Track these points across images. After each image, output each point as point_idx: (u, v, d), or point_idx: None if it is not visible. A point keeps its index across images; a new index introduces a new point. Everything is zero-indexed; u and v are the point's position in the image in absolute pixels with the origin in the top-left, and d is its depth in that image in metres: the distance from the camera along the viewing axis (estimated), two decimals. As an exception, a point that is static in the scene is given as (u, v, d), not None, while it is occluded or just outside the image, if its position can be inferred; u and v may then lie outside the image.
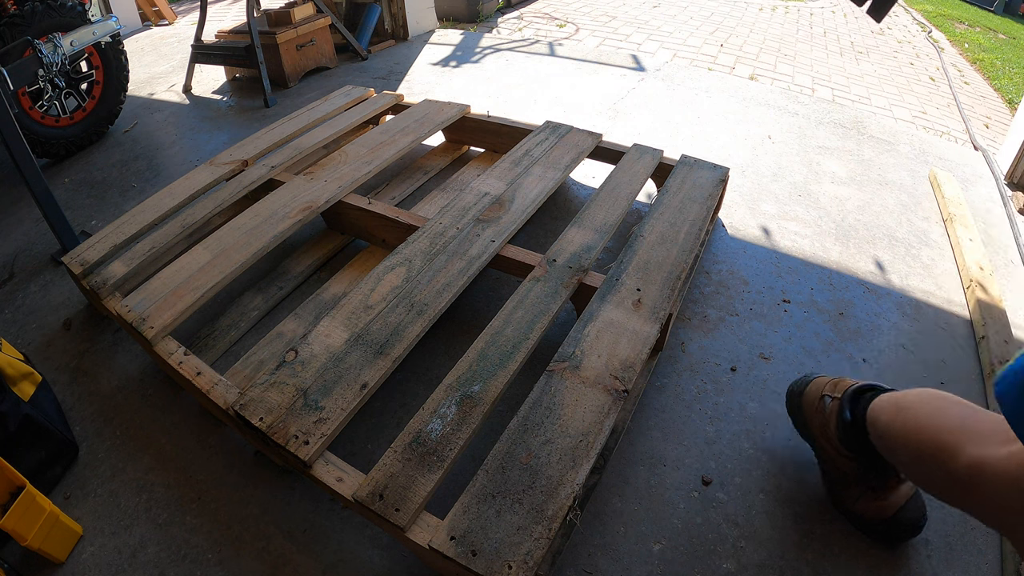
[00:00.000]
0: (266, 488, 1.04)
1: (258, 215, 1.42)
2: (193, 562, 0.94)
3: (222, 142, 2.26)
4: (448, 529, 0.79)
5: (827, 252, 1.57)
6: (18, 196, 1.95)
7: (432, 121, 1.83)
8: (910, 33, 4.98)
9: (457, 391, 0.97)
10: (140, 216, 1.46)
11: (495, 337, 1.06)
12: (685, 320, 1.35)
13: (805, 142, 2.14)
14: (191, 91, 2.81)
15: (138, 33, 3.98)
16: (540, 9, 4.65)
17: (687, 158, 1.61)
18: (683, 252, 1.26)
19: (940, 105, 3.24)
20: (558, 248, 1.28)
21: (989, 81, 4.05)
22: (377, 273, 1.21)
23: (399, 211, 1.46)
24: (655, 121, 2.27)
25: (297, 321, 1.30)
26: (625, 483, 1.02)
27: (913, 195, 1.83)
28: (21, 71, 1.79)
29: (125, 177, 2.07)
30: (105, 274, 1.31)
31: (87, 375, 1.29)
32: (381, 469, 0.86)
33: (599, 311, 1.12)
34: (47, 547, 0.92)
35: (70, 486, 1.07)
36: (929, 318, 1.37)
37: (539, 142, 1.69)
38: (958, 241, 1.57)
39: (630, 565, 0.91)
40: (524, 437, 0.90)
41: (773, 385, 1.20)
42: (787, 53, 3.87)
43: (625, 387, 0.97)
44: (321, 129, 1.83)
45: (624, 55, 3.03)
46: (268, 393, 0.97)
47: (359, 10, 3.17)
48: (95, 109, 2.27)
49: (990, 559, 0.92)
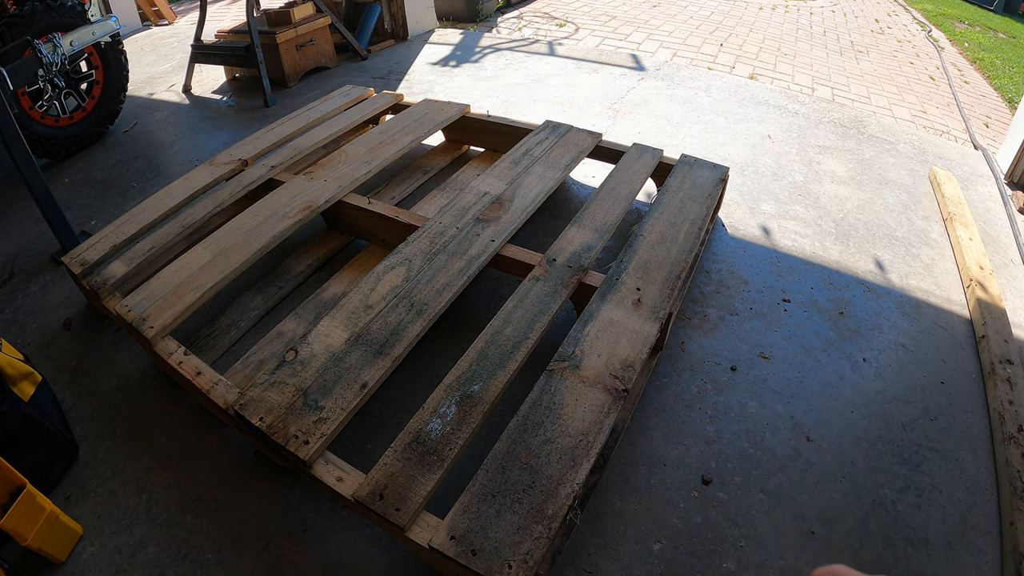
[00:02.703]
0: (266, 488, 1.04)
1: (258, 215, 1.42)
2: (193, 562, 0.94)
3: (222, 142, 2.26)
4: (448, 529, 0.79)
5: (827, 251, 1.57)
6: (18, 196, 1.95)
7: (432, 121, 1.83)
8: (910, 32, 4.98)
9: (457, 391, 0.97)
10: (140, 216, 1.46)
11: (495, 337, 1.06)
12: (685, 319, 1.35)
13: (805, 141, 2.14)
14: (191, 91, 2.81)
15: (138, 33, 3.98)
16: (540, 9, 4.65)
17: (687, 157, 1.61)
18: (683, 251, 1.26)
19: (940, 104, 3.24)
20: (558, 248, 1.28)
21: (989, 80, 4.04)
22: (377, 273, 1.21)
23: (399, 211, 1.46)
24: (655, 120, 2.27)
25: (297, 321, 1.30)
26: (625, 483, 1.02)
27: (913, 194, 1.83)
28: (21, 71, 1.79)
29: (125, 177, 2.07)
30: (105, 274, 1.30)
31: (87, 375, 1.29)
32: (381, 469, 0.86)
33: (599, 311, 1.12)
34: (47, 547, 0.91)
35: (70, 486, 1.07)
36: (929, 317, 1.37)
37: (539, 142, 1.69)
38: (958, 240, 1.57)
39: (630, 564, 0.91)
40: (524, 437, 0.90)
41: (773, 384, 1.20)
42: (787, 52, 3.87)
43: (625, 387, 0.97)
44: (321, 129, 1.83)
45: (624, 55, 3.03)
46: (268, 393, 0.97)
47: (359, 10, 3.17)
48: (95, 109, 2.27)
49: (990, 559, 0.92)
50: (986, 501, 0.99)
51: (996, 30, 5.91)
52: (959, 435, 1.10)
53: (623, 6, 4.81)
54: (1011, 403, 1.12)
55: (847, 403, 1.16)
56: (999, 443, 1.07)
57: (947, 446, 1.08)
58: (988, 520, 0.97)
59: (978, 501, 0.99)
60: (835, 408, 1.15)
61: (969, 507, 0.99)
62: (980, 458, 1.06)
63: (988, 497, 1.00)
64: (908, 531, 0.95)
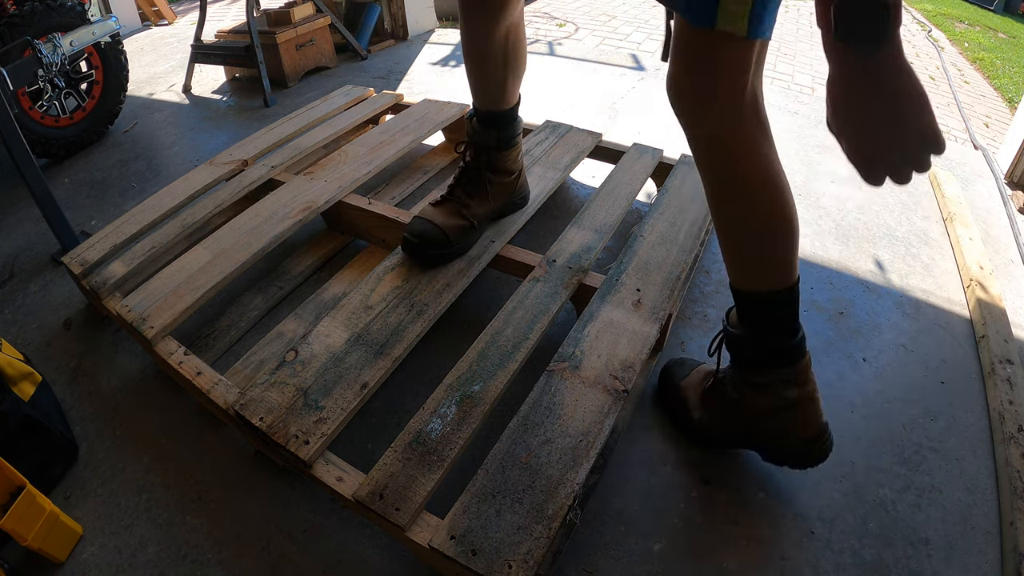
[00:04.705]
0: (266, 488, 1.04)
1: (258, 215, 1.42)
2: (193, 562, 0.94)
3: (222, 142, 2.26)
4: (448, 528, 0.79)
5: (827, 251, 1.57)
6: (18, 196, 1.95)
7: (432, 120, 1.83)
8: (910, 32, 4.97)
9: (457, 391, 0.97)
10: (140, 216, 1.46)
11: (495, 337, 1.06)
12: (685, 319, 1.35)
13: (804, 141, 2.14)
14: (191, 91, 2.81)
15: (138, 33, 3.98)
16: (539, 8, 4.65)
17: (687, 157, 1.61)
18: (683, 252, 1.26)
19: (940, 104, 3.24)
20: (558, 248, 1.28)
21: (989, 80, 4.04)
22: (377, 273, 1.21)
23: (399, 211, 1.46)
24: (655, 120, 2.27)
25: (297, 321, 1.30)
26: (625, 483, 1.02)
27: (913, 194, 1.83)
28: (21, 71, 1.79)
29: (125, 177, 2.07)
30: (105, 274, 1.31)
31: (87, 375, 1.29)
32: (381, 469, 0.86)
33: (599, 311, 1.12)
34: (47, 547, 0.92)
35: (70, 486, 1.07)
36: (929, 317, 1.37)
37: (539, 141, 1.69)
38: (958, 240, 1.57)
39: (630, 564, 0.91)
40: (524, 437, 0.90)
41: (773, 384, 1.19)
42: (787, 52, 3.87)
43: (625, 387, 0.97)
44: (321, 129, 1.83)
45: (624, 54, 3.03)
46: (268, 393, 0.97)
47: (359, 10, 3.17)
48: (95, 109, 2.27)
49: (990, 559, 0.92)
50: (986, 501, 0.99)
51: (996, 30, 5.91)
52: (959, 435, 1.10)
53: (623, 6, 4.80)
54: (1011, 403, 1.12)
55: (847, 403, 1.16)
56: (999, 443, 1.07)
57: (947, 446, 1.08)
58: (988, 520, 0.97)
59: (978, 501, 1.00)
60: (835, 408, 1.15)
61: (969, 507, 0.99)
62: (980, 458, 1.06)
63: (988, 497, 1.00)
64: (908, 531, 0.95)
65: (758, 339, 0.88)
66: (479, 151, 1.23)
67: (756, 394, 0.90)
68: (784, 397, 0.88)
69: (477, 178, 1.24)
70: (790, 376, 0.87)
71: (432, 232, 1.19)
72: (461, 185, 1.26)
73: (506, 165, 1.26)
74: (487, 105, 1.20)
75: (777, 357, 0.87)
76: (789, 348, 0.86)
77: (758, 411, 0.91)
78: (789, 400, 0.88)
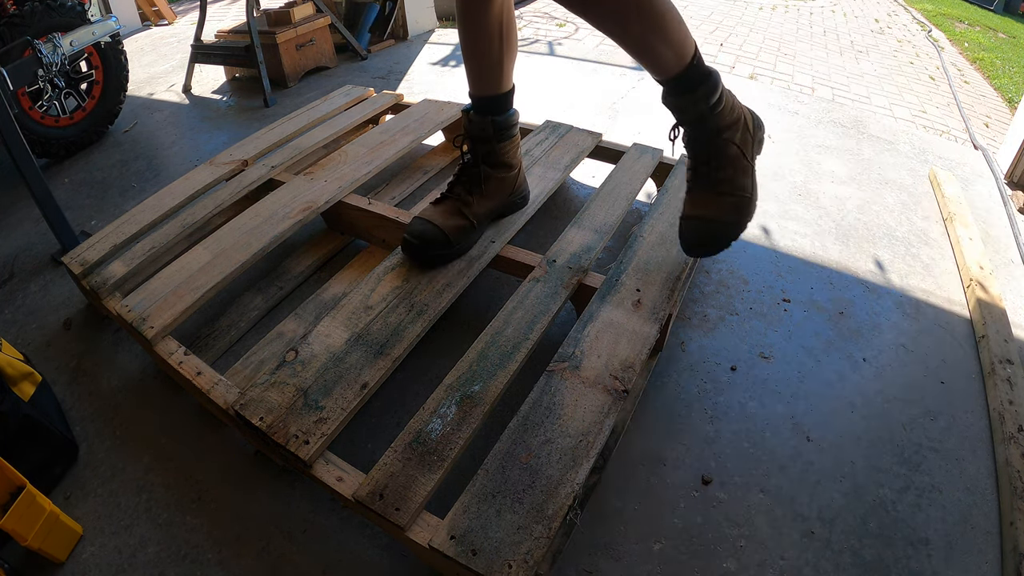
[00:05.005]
0: (266, 488, 1.04)
1: (258, 215, 1.42)
2: (193, 562, 0.94)
3: (222, 142, 2.26)
4: (448, 528, 0.79)
5: (827, 251, 1.57)
6: (18, 196, 1.95)
7: (432, 120, 1.83)
8: (910, 32, 4.98)
9: (457, 391, 0.97)
10: (140, 216, 1.46)
11: (495, 337, 1.06)
12: (685, 319, 1.35)
13: (805, 141, 2.14)
14: (191, 91, 2.81)
15: (138, 33, 3.98)
16: (540, 8, 4.65)
17: (687, 158, 1.60)
18: (683, 252, 1.26)
19: (940, 104, 3.24)
20: (558, 248, 1.28)
21: (989, 80, 4.04)
22: (377, 273, 1.21)
23: (399, 211, 1.46)
24: (655, 120, 2.27)
25: (297, 321, 1.30)
26: (625, 483, 1.02)
27: (913, 194, 1.83)
28: (21, 71, 1.79)
29: (125, 177, 2.07)
30: (105, 274, 1.31)
31: (87, 375, 1.29)
32: (381, 469, 0.86)
33: (599, 311, 1.12)
34: (47, 547, 0.92)
35: (70, 486, 1.07)
36: (929, 317, 1.37)
37: (539, 142, 1.69)
38: (958, 240, 1.57)
39: (630, 564, 0.91)
40: (524, 437, 0.90)
41: (773, 384, 1.20)
42: (787, 52, 3.87)
43: (625, 387, 0.97)
44: (321, 129, 1.83)
45: (624, 54, 3.03)
46: (268, 393, 0.97)
47: (359, 10, 3.17)
48: (95, 109, 2.27)
49: (990, 559, 0.92)
50: (986, 501, 1.00)
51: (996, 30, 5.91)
52: (959, 435, 1.10)
53: (623, 6, 4.80)
54: (1011, 403, 1.12)
55: (847, 403, 1.16)
56: (999, 443, 1.07)
57: (947, 446, 1.08)
58: (988, 520, 0.97)
59: (978, 501, 1.00)
60: (835, 408, 1.15)
61: (969, 507, 0.99)
62: (980, 458, 1.06)
63: (988, 497, 1.00)
64: (908, 531, 0.95)
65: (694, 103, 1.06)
66: (476, 143, 1.24)
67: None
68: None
69: (476, 174, 1.25)
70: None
71: (432, 233, 1.19)
72: (461, 183, 1.26)
73: (504, 159, 1.26)
74: (484, 90, 1.21)
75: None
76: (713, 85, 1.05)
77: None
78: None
